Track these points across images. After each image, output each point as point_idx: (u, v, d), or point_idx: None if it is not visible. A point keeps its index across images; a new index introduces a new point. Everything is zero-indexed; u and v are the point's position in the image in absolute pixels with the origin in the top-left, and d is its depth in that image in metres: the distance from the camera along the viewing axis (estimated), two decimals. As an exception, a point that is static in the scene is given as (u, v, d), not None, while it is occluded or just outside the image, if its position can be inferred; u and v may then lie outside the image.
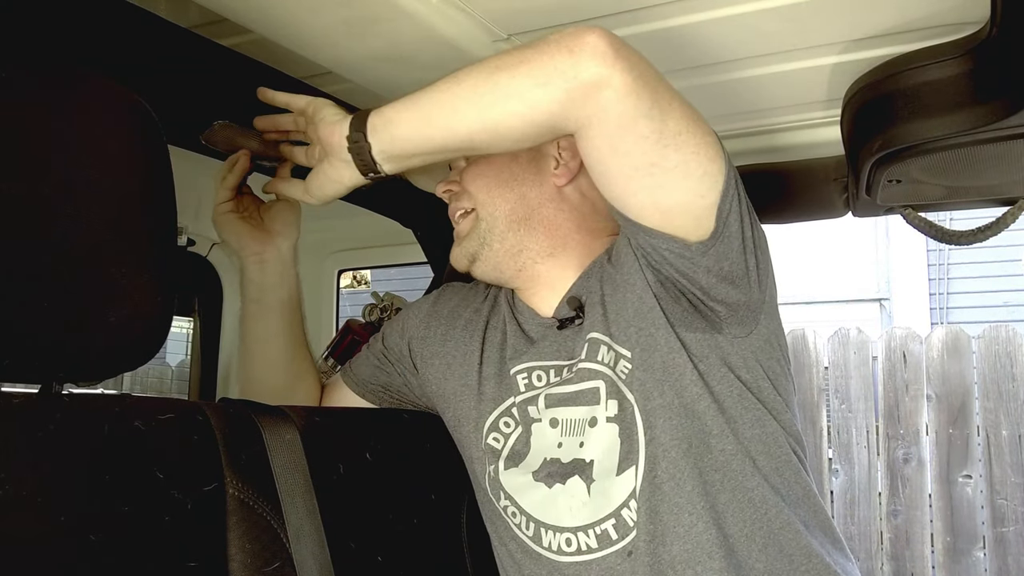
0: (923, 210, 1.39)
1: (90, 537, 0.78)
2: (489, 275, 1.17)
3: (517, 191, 1.13)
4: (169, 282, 0.86)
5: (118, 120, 0.84)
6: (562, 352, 1.07)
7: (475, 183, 1.14)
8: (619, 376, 1.00)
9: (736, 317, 0.98)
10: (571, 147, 1.12)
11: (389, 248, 2.23)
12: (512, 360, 1.11)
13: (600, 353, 1.02)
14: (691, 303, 0.98)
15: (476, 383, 1.14)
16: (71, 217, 0.78)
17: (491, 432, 1.10)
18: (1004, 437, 3.61)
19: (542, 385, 1.06)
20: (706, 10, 1.06)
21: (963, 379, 3.71)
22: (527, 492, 1.03)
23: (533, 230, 1.13)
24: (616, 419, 0.98)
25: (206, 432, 0.94)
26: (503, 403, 1.11)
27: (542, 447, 1.03)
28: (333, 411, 1.23)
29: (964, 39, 1.05)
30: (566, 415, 1.03)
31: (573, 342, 1.06)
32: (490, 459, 1.08)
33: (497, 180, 1.13)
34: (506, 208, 1.13)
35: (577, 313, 1.07)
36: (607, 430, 0.98)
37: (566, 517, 1.00)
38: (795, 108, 1.38)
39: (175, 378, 6.11)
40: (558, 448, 1.01)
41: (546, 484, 1.01)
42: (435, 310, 1.26)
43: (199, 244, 2.11)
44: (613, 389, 1.00)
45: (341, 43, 1.14)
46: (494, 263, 1.14)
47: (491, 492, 1.09)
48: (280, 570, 0.93)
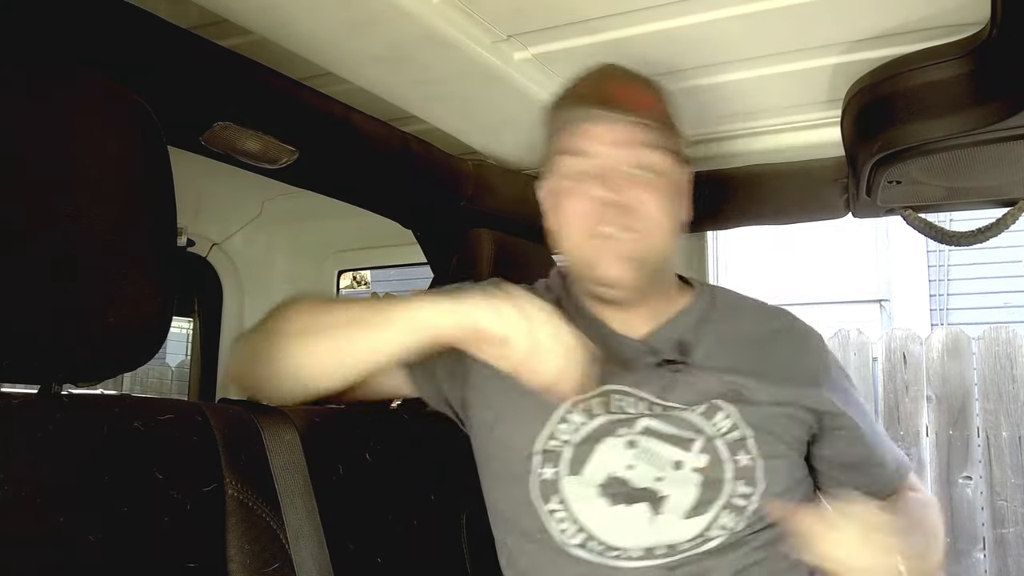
0: (923, 211, 1.39)
1: (89, 537, 0.78)
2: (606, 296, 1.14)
3: (674, 234, 1.13)
4: (169, 282, 0.86)
5: (118, 121, 0.84)
6: (658, 388, 1.10)
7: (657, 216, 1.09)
8: (725, 440, 1.07)
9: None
10: (690, 178, 1.17)
11: (389, 249, 2.23)
12: (603, 372, 1.06)
13: (717, 418, 1.08)
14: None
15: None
16: (71, 218, 0.78)
17: (551, 437, 1.07)
18: (1004, 438, 3.61)
19: (634, 413, 1.08)
20: (707, 11, 1.07)
21: (963, 380, 3.71)
22: (587, 503, 1.04)
23: (666, 271, 1.19)
24: (703, 471, 1.04)
25: (206, 433, 0.94)
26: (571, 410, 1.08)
27: (608, 462, 1.05)
28: (333, 412, 1.23)
29: (964, 40, 1.05)
30: (650, 445, 1.05)
31: (675, 384, 1.10)
32: (547, 461, 1.06)
33: (669, 220, 1.11)
34: (666, 248, 1.13)
35: (682, 359, 1.11)
36: (691, 478, 1.04)
37: (621, 537, 1.04)
38: (796, 109, 1.38)
39: (175, 378, 6.12)
40: (627, 469, 1.04)
41: (610, 501, 1.03)
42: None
43: (199, 244, 2.12)
44: (710, 447, 1.06)
45: (341, 44, 1.14)
46: (638, 286, 1.12)
47: (539, 492, 1.06)
48: (279, 571, 0.93)
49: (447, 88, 1.28)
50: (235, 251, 2.17)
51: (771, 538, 1.05)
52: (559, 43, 1.18)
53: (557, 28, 1.14)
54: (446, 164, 1.58)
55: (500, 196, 1.68)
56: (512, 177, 1.68)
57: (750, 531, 1.05)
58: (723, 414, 1.08)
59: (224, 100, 1.20)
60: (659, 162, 1.09)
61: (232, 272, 2.18)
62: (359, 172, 1.49)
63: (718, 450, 1.06)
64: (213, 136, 1.23)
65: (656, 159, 1.08)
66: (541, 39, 1.17)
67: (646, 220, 1.08)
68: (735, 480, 1.05)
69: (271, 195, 2.05)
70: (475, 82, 1.25)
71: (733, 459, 1.06)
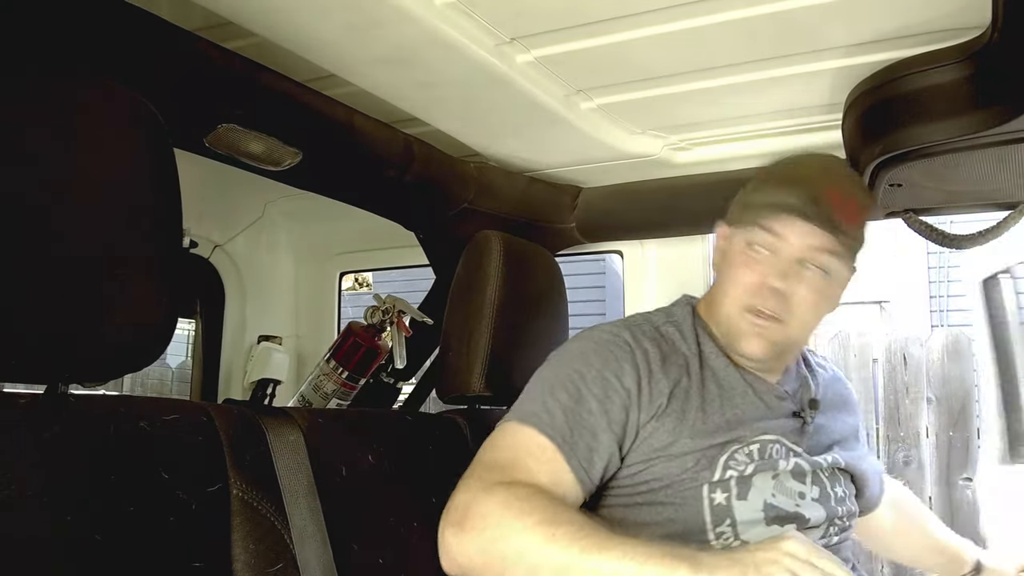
0: (924, 214, 1.39)
1: (95, 537, 0.79)
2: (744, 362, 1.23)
3: (820, 321, 1.24)
4: (174, 284, 0.86)
5: (123, 123, 0.85)
6: (794, 436, 1.23)
7: (810, 311, 1.19)
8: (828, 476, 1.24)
9: None
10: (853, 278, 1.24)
11: (391, 251, 2.24)
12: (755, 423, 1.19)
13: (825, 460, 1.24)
14: None
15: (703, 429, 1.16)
16: (76, 219, 0.79)
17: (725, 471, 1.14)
18: (1004, 440, 3.60)
19: (779, 457, 1.19)
20: (709, 14, 1.07)
21: (963, 382, 3.71)
22: (753, 527, 1.13)
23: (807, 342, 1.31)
24: (818, 500, 1.20)
25: (211, 433, 0.94)
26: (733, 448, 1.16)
27: (762, 491, 1.15)
28: (336, 413, 1.23)
29: (965, 44, 1.06)
30: (786, 481, 1.18)
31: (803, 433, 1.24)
32: (722, 489, 1.13)
33: (823, 313, 1.21)
34: (808, 334, 1.25)
35: (813, 414, 1.26)
36: (814, 505, 1.19)
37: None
38: (796, 112, 1.39)
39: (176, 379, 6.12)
40: (773, 498, 1.15)
41: (767, 524, 1.14)
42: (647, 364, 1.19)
43: (202, 246, 2.12)
44: (819, 480, 1.22)
45: (345, 46, 1.15)
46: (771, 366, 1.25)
47: (712, 516, 1.13)
48: (284, 571, 0.93)
49: (450, 91, 1.28)
50: (237, 253, 2.17)
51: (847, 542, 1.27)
52: (562, 46, 1.18)
53: (560, 31, 1.14)
54: (449, 166, 1.59)
55: (502, 198, 1.69)
56: (514, 179, 1.69)
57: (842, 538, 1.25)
58: (830, 457, 1.25)
59: (228, 102, 1.20)
60: (836, 267, 1.17)
61: (234, 274, 2.18)
62: (362, 174, 1.49)
63: (824, 483, 1.22)
64: (217, 138, 1.23)
65: (836, 265, 1.17)
66: (544, 42, 1.18)
67: (800, 316, 1.18)
68: (837, 505, 1.22)
69: (274, 197, 2.05)
70: (478, 85, 1.25)
71: (833, 491, 1.23)
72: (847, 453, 1.30)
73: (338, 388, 1.80)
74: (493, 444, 1.13)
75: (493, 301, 1.40)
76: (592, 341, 1.19)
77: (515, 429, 1.12)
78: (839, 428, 1.33)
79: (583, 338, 1.22)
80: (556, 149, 1.56)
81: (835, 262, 1.16)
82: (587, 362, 1.16)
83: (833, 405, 1.35)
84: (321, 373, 1.82)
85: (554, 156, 1.60)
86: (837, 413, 1.35)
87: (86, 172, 0.80)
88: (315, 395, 1.81)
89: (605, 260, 6.52)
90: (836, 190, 1.16)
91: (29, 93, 0.79)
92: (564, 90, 1.34)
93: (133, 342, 0.84)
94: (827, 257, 1.15)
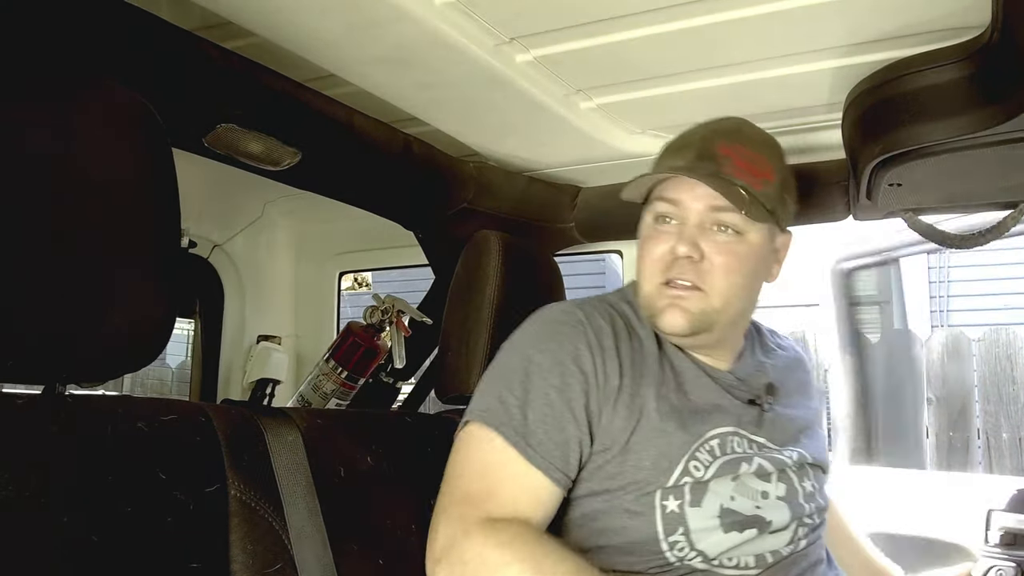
0: (924, 214, 1.39)
1: (93, 538, 0.78)
2: (682, 343, 1.19)
3: (753, 290, 1.19)
4: (172, 284, 0.86)
5: (122, 122, 0.85)
6: (753, 426, 1.18)
7: (727, 276, 1.13)
8: (795, 471, 1.19)
9: None
10: (787, 243, 1.24)
11: (390, 250, 2.23)
12: (712, 414, 1.15)
13: (790, 452, 1.19)
14: None
15: (659, 423, 1.11)
16: (75, 219, 0.79)
17: (683, 476, 1.10)
18: (1004, 440, 3.61)
19: (742, 452, 1.15)
20: (708, 14, 1.07)
21: (963, 382, 3.71)
22: (708, 534, 1.09)
23: (744, 319, 1.24)
24: (784, 499, 1.15)
25: (209, 433, 0.94)
26: (693, 446, 1.12)
27: (719, 495, 1.10)
28: (335, 413, 1.23)
29: (965, 43, 1.05)
30: (748, 481, 1.13)
31: (762, 421, 1.19)
32: (675, 496, 1.09)
33: (744, 279, 1.15)
34: (739, 307, 1.17)
35: (770, 401, 1.21)
36: (778, 504, 1.14)
37: (731, 553, 1.10)
38: (797, 111, 1.39)
39: (175, 380, 6.13)
40: (731, 500, 1.11)
41: (724, 531, 1.09)
42: (601, 346, 1.14)
43: (200, 246, 2.12)
44: (785, 477, 1.17)
45: (344, 46, 1.15)
46: (698, 343, 1.19)
47: (664, 524, 1.08)
48: (282, 571, 0.93)
49: (449, 90, 1.28)
50: (237, 253, 2.17)
51: (821, 539, 1.22)
52: (561, 46, 1.18)
53: (559, 31, 1.14)
54: (448, 166, 1.59)
55: (502, 198, 1.68)
56: (514, 179, 1.68)
57: (814, 538, 1.20)
58: (792, 448, 1.20)
59: (227, 102, 1.20)
60: (745, 227, 1.13)
61: (233, 274, 2.18)
62: (361, 174, 1.49)
63: (791, 479, 1.17)
64: (216, 138, 1.23)
65: (740, 222, 1.12)
66: (543, 42, 1.17)
67: (717, 281, 1.12)
68: (806, 502, 1.18)
69: (273, 197, 2.05)
70: (477, 84, 1.25)
71: (801, 486, 1.18)
72: (813, 443, 1.25)
73: (337, 388, 1.80)
74: (462, 461, 1.09)
75: (492, 301, 1.40)
76: (544, 323, 1.16)
77: (479, 437, 1.08)
78: (803, 415, 1.27)
79: (536, 320, 1.18)
80: (555, 149, 1.56)
81: (743, 221, 1.11)
82: (541, 347, 1.12)
83: (796, 391, 1.29)
84: (320, 373, 1.82)
85: (553, 156, 1.60)
86: (800, 399, 1.29)
87: (84, 172, 0.80)
88: (314, 395, 1.81)
89: (604, 260, 6.51)
90: (726, 145, 1.14)
91: (28, 93, 0.79)
92: (564, 90, 1.34)
93: (131, 342, 0.84)
94: (731, 216, 1.11)
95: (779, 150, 1.21)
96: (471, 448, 1.09)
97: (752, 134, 1.20)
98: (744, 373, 1.23)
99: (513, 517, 1.03)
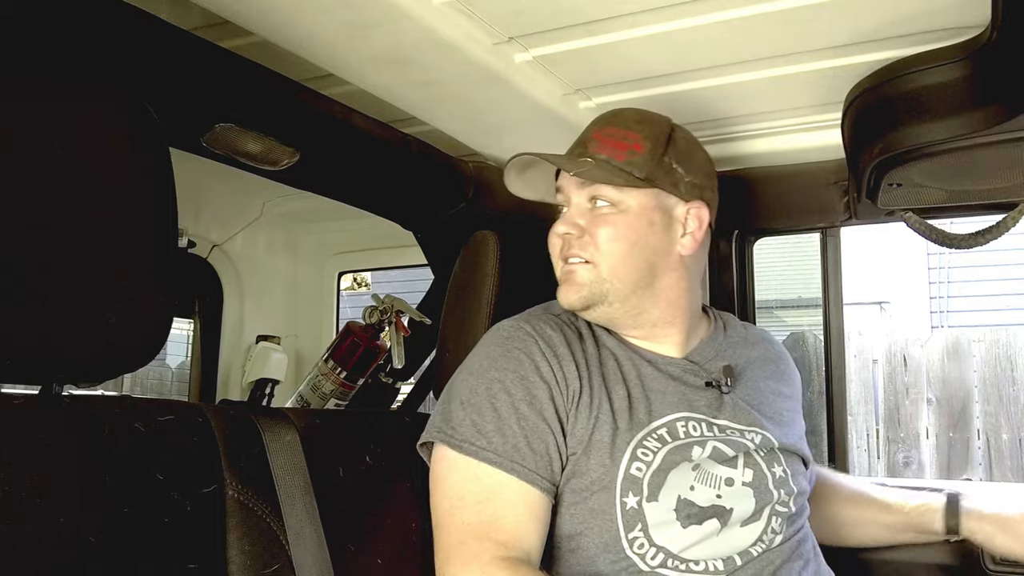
0: (924, 214, 1.39)
1: (90, 538, 0.78)
2: (601, 321, 1.20)
3: (646, 259, 1.17)
4: (170, 284, 0.86)
5: (120, 122, 0.84)
6: (711, 409, 1.17)
7: (607, 244, 1.15)
8: (761, 455, 1.17)
9: None
10: (698, 216, 1.20)
11: (390, 250, 2.24)
12: (660, 401, 1.15)
13: (752, 435, 1.17)
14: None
15: (610, 419, 1.12)
16: (73, 219, 0.79)
17: (632, 463, 1.09)
18: (1004, 441, 3.61)
19: (698, 435, 1.14)
20: (708, 13, 1.07)
21: (963, 382, 3.71)
22: (665, 528, 1.08)
23: (655, 297, 1.19)
24: (751, 485, 1.13)
25: (206, 434, 0.94)
26: (639, 436, 1.12)
27: (676, 486, 1.09)
28: (333, 413, 1.23)
29: (965, 43, 1.05)
30: (709, 468, 1.12)
31: (721, 405, 1.18)
32: (633, 491, 1.08)
33: (629, 245, 1.15)
34: (633, 275, 1.16)
35: (728, 382, 1.20)
36: (743, 492, 1.13)
37: (695, 551, 1.09)
38: (796, 112, 1.38)
39: (175, 380, 6.13)
40: (691, 491, 1.09)
41: (683, 525, 1.08)
42: (556, 355, 1.16)
43: (199, 246, 2.12)
44: (752, 462, 1.15)
45: (342, 46, 1.14)
46: (610, 317, 1.19)
47: (624, 521, 1.07)
48: (279, 572, 0.93)
49: (448, 90, 1.28)
50: (236, 253, 2.17)
51: (801, 532, 1.18)
52: (560, 45, 1.18)
53: (558, 30, 1.14)
54: (447, 166, 1.59)
55: (500, 198, 1.68)
56: (513, 179, 1.68)
57: (793, 530, 1.17)
58: (756, 431, 1.18)
59: (225, 102, 1.20)
60: (617, 197, 1.15)
61: (232, 274, 2.18)
62: (360, 174, 1.49)
63: (759, 463, 1.16)
64: (214, 138, 1.23)
65: (613, 194, 1.15)
66: (542, 41, 1.17)
67: (605, 252, 1.15)
68: (776, 489, 1.15)
69: (272, 197, 2.05)
70: (476, 84, 1.25)
71: (771, 471, 1.16)
72: (785, 430, 1.22)
73: (336, 388, 1.80)
74: (454, 495, 1.07)
75: (491, 301, 1.40)
76: (497, 345, 1.16)
77: (463, 466, 1.07)
78: (773, 401, 1.25)
79: (488, 342, 1.18)
80: (554, 148, 1.55)
81: (614, 191, 1.14)
82: (500, 366, 1.13)
83: (766, 376, 1.27)
84: (319, 373, 1.82)
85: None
86: (772, 384, 1.27)
87: (82, 172, 0.80)
88: (313, 395, 1.81)
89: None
90: (597, 130, 1.20)
91: (27, 93, 0.79)
92: (562, 89, 1.34)
93: (128, 343, 0.84)
94: (601, 188, 1.15)
95: (662, 125, 1.20)
96: (457, 480, 1.08)
97: (629, 116, 1.21)
98: (700, 357, 1.23)
99: (520, 541, 1.05)
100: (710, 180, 1.22)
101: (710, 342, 1.26)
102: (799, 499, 1.19)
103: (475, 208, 1.66)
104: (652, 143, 1.17)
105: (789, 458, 1.20)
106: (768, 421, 1.21)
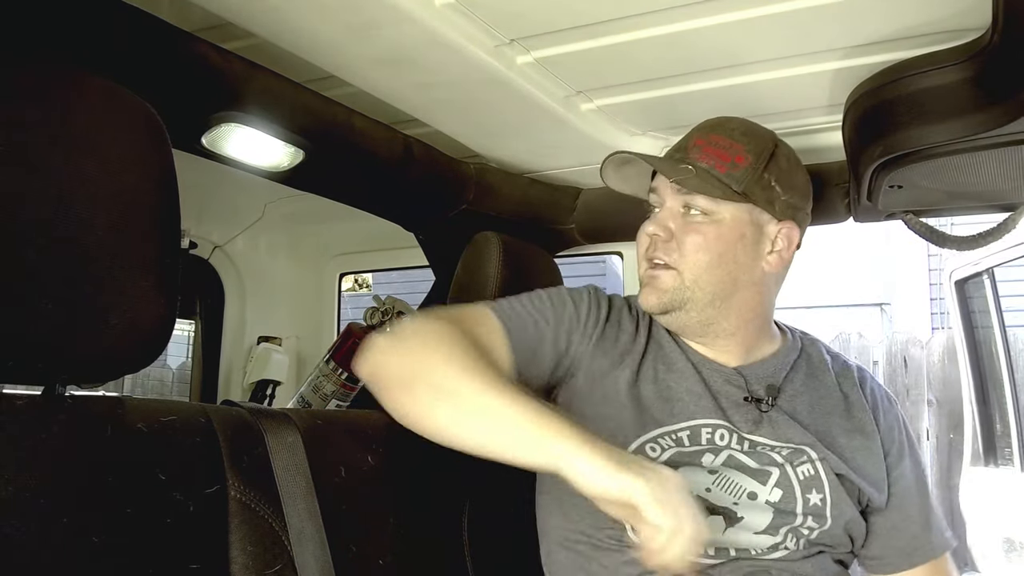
0: (924, 215, 1.39)
1: (92, 539, 0.78)
2: (672, 327, 1.22)
3: (730, 272, 1.17)
4: (172, 285, 0.86)
5: (122, 123, 0.85)
6: (748, 421, 1.16)
7: (694, 253, 1.16)
8: (800, 480, 1.14)
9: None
10: (789, 236, 1.20)
11: (390, 251, 2.24)
12: (691, 405, 1.15)
13: (799, 461, 1.15)
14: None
15: (632, 403, 1.14)
16: (75, 220, 0.79)
17: (640, 451, 1.10)
18: (1005, 442, 3.60)
19: (723, 444, 1.14)
20: (708, 15, 1.07)
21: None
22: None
23: (729, 309, 1.19)
24: (775, 505, 1.12)
25: (209, 434, 0.94)
26: (655, 432, 1.12)
27: (692, 483, 1.07)
28: (335, 414, 1.23)
29: (965, 45, 1.05)
30: (729, 474, 1.12)
31: (762, 421, 1.16)
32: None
33: (715, 256, 1.15)
34: (714, 286, 1.16)
35: (770, 400, 1.18)
36: (763, 508, 1.11)
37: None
38: (797, 113, 1.39)
39: (176, 380, 6.13)
40: (706, 492, 1.10)
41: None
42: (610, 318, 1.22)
43: (201, 247, 2.12)
44: (785, 483, 1.13)
45: (344, 47, 1.15)
46: (682, 323, 1.20)
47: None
48: (281, 572, 0.93)
49: (449, 91, 1.28)
50: (237, 254, 2.17)
51: (816, 554, 1.15)
52: (561, 47, 1.18)
53: (560, 32, 1.14)
54: (448, 167, 1.59)
55: (502, 199, 1.69)
56: (514, 180, 1.69)
57: (813, 549, 1.15)
58: (806, 459, 1.15)
59: (227, 103, 1.20)
60: (711, 207, 1.15)
61: (234, 275, 2.18)
62: (361, 175, 1.49)
63: (793, 487, 1.13)
64: (216, 139, 1.23)
65: (708, 204, 1.15)
66: (543, 43, 1.18)
67: (691, 260, 1.15)
68: (804, 515, 1.13)
69: (273, 198, 2.05)
70: (477, 86, 1.25)
71: (804, 497, 1.13)
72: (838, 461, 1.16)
73: (337, 389, 1.80)
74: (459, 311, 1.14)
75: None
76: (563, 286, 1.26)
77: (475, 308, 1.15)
78: (826, 429, 1.19)
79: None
80: (556, 150, 1.56)
81: (709, 201, 1.15)
82: (557, 291, 1.22)
83: (826, 406, 1.22)
84: (320, 374, 1.82)
85: (554, 157, 1.60)
86: (829, 416, 1.21)
87: (84, 173, 0.80)
88: (314, 396, 1.81)
89: (605, 261, 6.52)
90: (700, 137, 1.20)
91: (28, 93, 0.79)
92: (564, 91, 1.34)
93: (130, 344, 0.84)
94: (698, 198, 1.15)
95: (766, 141, 1.19)
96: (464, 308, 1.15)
97: (735, 126, 1.21)
98: (752, 372, 1.20)
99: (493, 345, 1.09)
100: (805, 201, 1.23)
101: (771, 360, 1.23)
102: (833, 531, 1.14)
103: (476, 210, 1.66)
104: (755, 157, 1.16)
105: (836, 489, 1.15)
106: (821, 448, 1.16)
